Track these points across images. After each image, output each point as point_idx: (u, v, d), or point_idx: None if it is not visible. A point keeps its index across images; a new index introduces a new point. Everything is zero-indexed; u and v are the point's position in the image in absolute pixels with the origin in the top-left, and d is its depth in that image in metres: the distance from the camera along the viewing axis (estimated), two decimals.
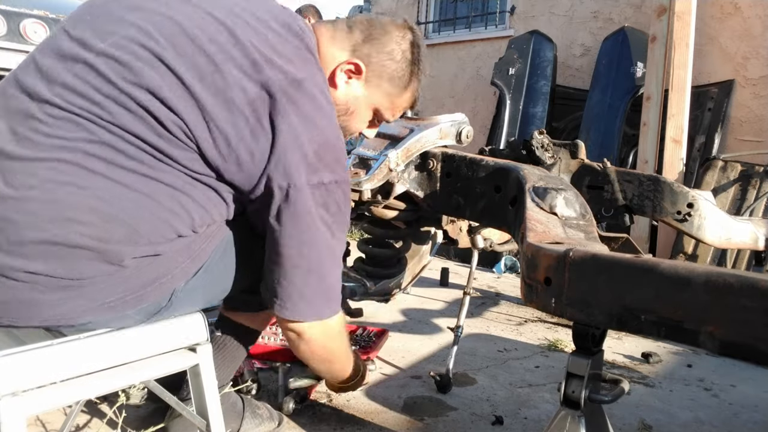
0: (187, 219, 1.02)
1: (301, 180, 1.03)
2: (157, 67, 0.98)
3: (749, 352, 0.74)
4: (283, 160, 1.02)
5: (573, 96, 5.14)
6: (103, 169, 0.94)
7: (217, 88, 0.99)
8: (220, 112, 0.99)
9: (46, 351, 0.93)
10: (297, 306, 1.11)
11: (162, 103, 0.97)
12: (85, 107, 0.95)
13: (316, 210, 1.06)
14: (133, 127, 0.96)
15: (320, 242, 1.09)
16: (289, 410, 1.62)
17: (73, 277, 0.94)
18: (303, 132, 1.04)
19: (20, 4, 3.73)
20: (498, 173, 1.63)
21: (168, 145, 0.98)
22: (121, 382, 1.02)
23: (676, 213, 1.77)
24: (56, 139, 0.93)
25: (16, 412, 0.87)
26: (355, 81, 1.22)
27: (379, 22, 1.23)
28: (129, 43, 0.99)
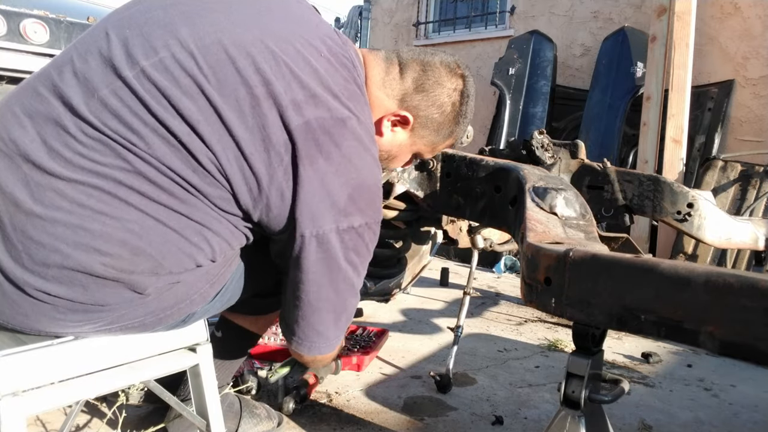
0: (209, 252, 1.01)
1: (329, 226, 1.00)
2: (197, 98, 0.93)
3: (749, 352, 0.73)
4: (312, 207, 0.98)
5: (573, 96, 5.14)
6: (137, 200, 0.90)
7: (256, 125, 0.95)
8: (256, 152, 0.95)
9: (46, 351, 0.93)
10: (314, 344, 1.13)
11: (199, 138, 0.92)
12: (122, 133, 0.90)
13: (344, 253, 1.04)
14: (169, 161, 0.92)
15: (344, 285, 1.07)
16: (289, 410, 1.62)
17: (94, 303, 0.93)
18: (339, 174, 1.00)
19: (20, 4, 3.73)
20: (498, 173, 1.63)
21: (201, 182, 0.94)
22: (121, 382, 1.02)
23: (676, 213, 1.77)
24: (90, 161, 0.89)
25: (16, 411, 0.87)
26: (401, 130, 1.20)
27: (433, 71, 1.18)
28: (172, 66, 0.93)
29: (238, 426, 1.45)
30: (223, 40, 0.96)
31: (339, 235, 1.01)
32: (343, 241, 1.02)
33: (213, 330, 1.40)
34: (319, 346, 1.13)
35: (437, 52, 1.22)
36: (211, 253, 1.01)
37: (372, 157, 1.06)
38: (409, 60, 1.18)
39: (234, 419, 1.45)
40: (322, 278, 1.04)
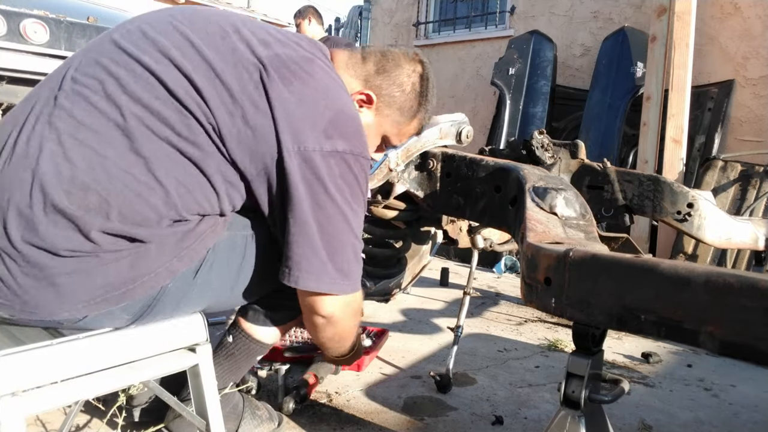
0: (161, 192, 1.00)
1: (312, 145, 1.03)
2: (171, 35, 1.06)
3: (749, 352, 0.73)
4: (292, 123, 1.03)
5: (573, 96, 5.14)
6: (91, 138, 0.98)
7: (226, 49, 1.05)
8: (226, 68, 1.03)
9: (45, 351, 0.93)
10: (320, 277, 1.09)
11: (173, 63, 1.02)
12: (97, 76, 1.02)
13: (331, 179, 1.04)
14: (133, 89, 1.00)
15: (337, 215, 1.07)
16: (289, 410, 1.62)
17: (47, 248, 0.95)
18: (316, 98, 1.06)
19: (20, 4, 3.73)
20: (498, 173, 1.63)
21: (164, 108, 1.00)
22: (121, 382, 1.02)
23: (676, 213, 1.77)
24: (64, 112, 0.99)
25: (16, 411, 0.87)
26: (366, 110, 1.26)
27: (392, 55, 1.27)
28: (154, 23, 1.09)
29: (238, 427, 1.45)
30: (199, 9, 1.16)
31: (324, 159, 1.04)
32: (329, 165, 1.04)
33: (225, 334, 1.41)
34: (322, 279, 1.09)
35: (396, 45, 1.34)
36: (164, 195, 1.00)
37: (347, 95, 1.15)
38: (369, 50, 1.29)
39: (235, 420, 1.45)
40: (312, 199, 1.04)
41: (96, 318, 1.03)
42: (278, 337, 1.42)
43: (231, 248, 1.17)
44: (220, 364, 1.37)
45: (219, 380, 1.33)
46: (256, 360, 1.44)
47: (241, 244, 1.18)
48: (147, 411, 1.47)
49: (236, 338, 1.39)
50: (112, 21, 4.29)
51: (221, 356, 1.39)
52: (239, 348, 1.39)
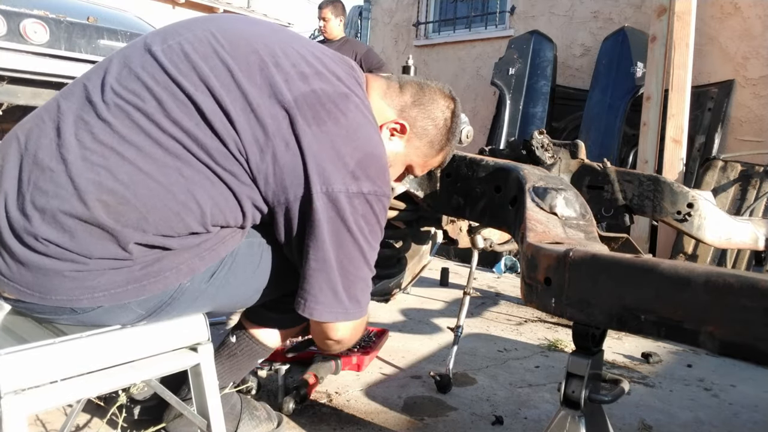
0: (198, 213, 1.03)
1: (339, 187, 1.06)
2: (211, 59, 1.06)
3: (749, 352, 0.74)
4: (321, 164, 1.05)
5: (573, 96, 5.14)
6: (132, 155, 0.99)
7: (264, 83, 1.06)
8: (262, 104, 1.04)
9: (47, 349, 0.94)
10: (329, 307, 1.13)
11: (210, 91, 1.03)
12: (137, 92, 1.03)
13: (354, 218, 1.08)
14: (174, 114, 1.02)
15: (355, 252, 1.11)
16: (289, 410, 1.62)
17: (80, 252, 0.97)
18: (347, 140, 1.08)
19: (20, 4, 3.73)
20: (498, 173, 1.63)
21: (203, 134, 1.02)
22: (123, 380, 1.02)
23: (676, 213, 1.77)
24: (102, 122, 1.01)
25: (18, 410, 0.88)
26: (397, 139, 1.29)
27: (429, 89, 1.31)
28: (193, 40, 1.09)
29: (237, 428, 1.45)
30: (239, 27, 1.15)
31: (349, 199, 1.07)
32: (352, 205, 1.07)
33: (228, 334, 1.42)
34: (336, 311, 1.13)
35: (432, 80, 1.36)
36: (200, 215, 1.03)
37: (378, 134, 1.16)
38: (406, 80, 1.31)
39: (234, 421, 1.45)
40: (334, 238, 1.08)
41: (111, 309, 1.04)
42: (281, 342, 1.43)
43: (248, 254, 1.19)
44: (221, 363, 1.38)
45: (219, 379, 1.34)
46: (258, 362, 1.45)
47: (257, 251, 1.21)
48: (147, 409, 1.47)
49: (240, 339, 1.40)
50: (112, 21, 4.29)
51: (223, 356, 1.39)
52: (242, 349, 1.39)
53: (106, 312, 1.05)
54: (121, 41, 4.07)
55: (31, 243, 0.96)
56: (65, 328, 1.05)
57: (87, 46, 3.88)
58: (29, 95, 3.73)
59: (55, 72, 3.70)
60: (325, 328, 1.17)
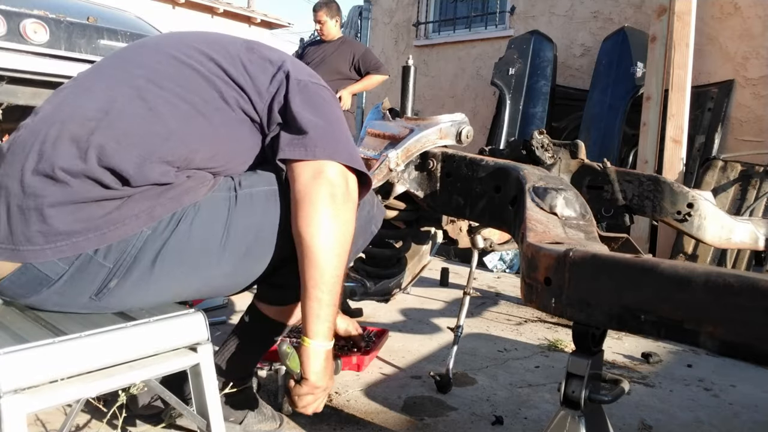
0: (178, 138, 1.11)
1: (305, 78, 1.24)
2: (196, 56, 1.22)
3: (749, 352, 0.74)
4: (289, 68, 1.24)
5: (573, 96, 5.15)
6: (110, 82, 1.14)
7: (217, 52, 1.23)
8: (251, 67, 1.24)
9: (47, 349, 0.94)
10: (325, 147, 1.16)
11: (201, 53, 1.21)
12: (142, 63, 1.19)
13: (317, 90, 1.24)
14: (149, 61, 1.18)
15: (329, 108, 1.24)
16: (289, 410, 1.62)
17: (50, 175, 1.03)
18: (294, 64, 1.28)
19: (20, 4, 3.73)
20: (498, 173, 1.63)
21: (189, 81, 1.16)
22: (122, 380, 1.02)
23: (676, 213, 1.77)
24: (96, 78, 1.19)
25: (18, 409, 0.88)
26: None
27: None
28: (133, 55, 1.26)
29: (244, 418, 1.47)
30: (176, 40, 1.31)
31: (312, 83, 1.26)
32: (316, 86, 1.26)
33: (243, 315, 1.45)
34: (328, 148, 1.16)
35: None
36: (178, 139, 1.11)
37: None
38: None
39: (244, 411, 1.48)
40: (309, 101, 1.21)
41: (80, 268, 1.05)
42: (292, 315, 1.40)
43: (213, 207, 1.14)
44: (237, 344, 1.43)
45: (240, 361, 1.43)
46: (274, 341, 1.45)
47: (223, 204, 1.16)
48: (147, 408, 1.48)
49: (252, 318, 1.42)
50: (112, 21, 4.30)
51: (239, 335, 1.44)
52: (255, 327, 1.42)
53: (76, 273, 1.05)
54: (121, 41, 4.07)
55: (14, 193, 1.03)
56: (63, 327, 1.05)
57: (87, 46, 3.88)
58: (29, 95, 3.73)
59: (55, 72, 3.71)
60: (313, 166, 1.14)
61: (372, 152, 1.71)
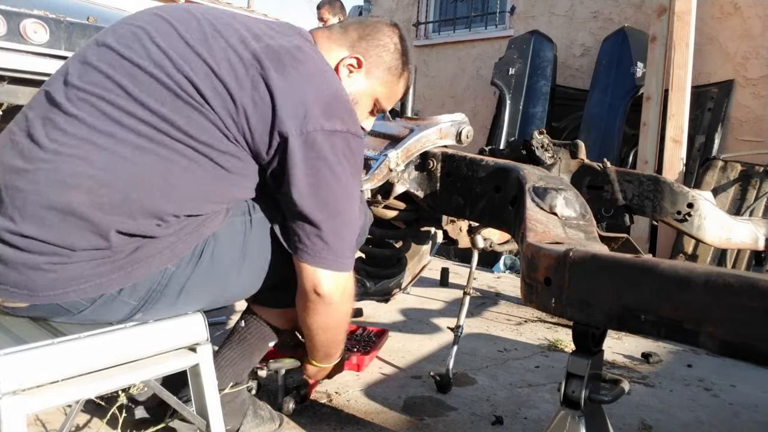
0: (180, 192, 1.05)
1: (313, 126, 1.08)
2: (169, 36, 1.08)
3: (749, 352, 0.74)
4: (291, 109, 1.07)
5: (573, 96, 5.14)
6: (105, 142, 1.00)
7: (219, 47, 1.08)
8: (222, 67, 1.06)
9: (47, 349, 0.94)
10: (320, 254, 1.15)
11: (171, 62, 1.05)
12: (100, 83, 1.03)
13: (334, 156, 1.10)
14: (138, 95, 1.02)
15: (337, 188, 1.13)
16: (289, 410, 1.62)
17: (63, 245, 0.98)
18: (312, 85, 1.10)
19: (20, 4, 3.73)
20: (498, 173, 1.63)
21: (170, 111, 1.03)
22: (122, 381, 1.02)
23: (676, 213, 1.77)
24: (72, 118, 1.01)
25: (17, 410, 0.88)
26: (356, 74, 1.31)
27: (369, 22, 1.36)
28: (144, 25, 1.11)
29: (240, 425, 1.45)
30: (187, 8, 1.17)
31: (326, 138, 1.09)
32: (331, 143, 1.10)
33: (238, 321, 1.43)
34: (326, 258, 1.15)
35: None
36: (182, 192, 1.05)
37: (336, 77, 1.20)
38: (346, 22, 1.36)
39: (239, 418, 1.46)
40: (315, 178, 1.10)
41: (103, 304, 1.05)
42: (290, 321, 1.42)
43: (231, 233, 1.18)
44: (232, 348, 1.41)
45: (232, 365, 1.39)
46: (269, 345, 1.45)
47: (240, 229, 1.19)
48: (148, 409, 1.47)
49: (249, 323, 1.41)
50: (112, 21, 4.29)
51: (234, 341, 1.41)
52: (252, 332, 1.41)
53: (99, 307, 1.05)
54: None
55: (13, 241, 0.97)
56: (63, 329, 1.05)
57: None
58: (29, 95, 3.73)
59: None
60: (311, 275, 1.16)
61: (372, 152, 1.71)
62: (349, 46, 1.30)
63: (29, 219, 0.97)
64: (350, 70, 1.30)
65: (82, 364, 0.97)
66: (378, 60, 1.32)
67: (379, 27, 1.35)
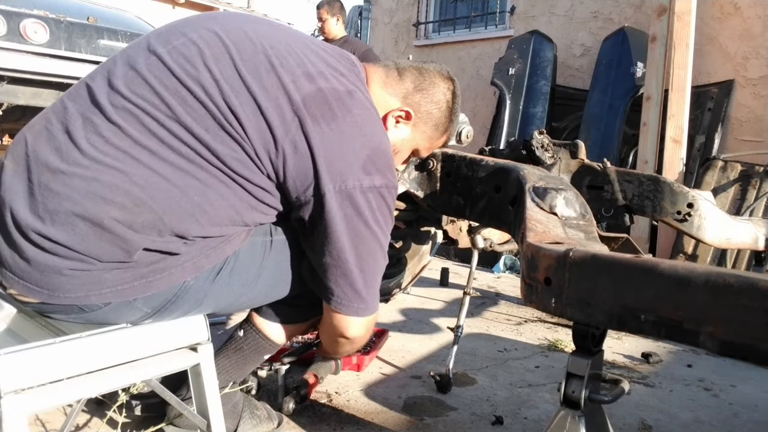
0: (212, 214, 1.06)
1: (353, 183, 1.08)
2: (221, 61, 1.07)
3: (749, 352, 0.74)
4: (333, 163, 1.07)
5: (573, 96, 5.14)
6: (146, 158, 1.00)
7: (272, 85, 1.07)
8: (271, 107, 1.05)
9: (47, 349, 0.94)
10: (352, 303, 1.17)
11: (221, 93, 1.04)
12: (146, 97, 1.03)
13: (371, 213, 1.11)
14: (184, 119, 1.02)
15: (375, 245, 1.14)
16: (289, 410, 1.62)
17: (89, 255, 0.98)
18: (356, 136, 1.10)
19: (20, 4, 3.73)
20: (498, 173, 1.63)
21: (214, 140, 1.03)
22: (123, 380, 1.02)
23: (676, 213, 1.77)
24: (113, 125, 1.01)
25: (18, 409, 0.88)
26: (403, 125, 1.32)
27: (428, 73, 1.32)
28: (199, 41, 1.09)
29: (237, 426, 1.45)
30: (243, 27, 1.14)
31: (363, 194, 1.09)
32: (368, 200, 1.10)
33: (236, 328, 1.42)
34: (358, 307, 1.18)
35: (428, 62, 1.37)
36: (214, 217, 1.05)
37: (382, 126, 1.19)
38: (404, 66, 1.32)
39: (234, 419, 1.45)
40: (352, 233, 1.11)
41: (117, 308, 1.06)
42: (288, 337, 1.43)
43: (251, 253, 1.20)
44: (227, 357, 1.40)
45: (224, 373, 1.37)
46: (264, 358, 1.45)
47: (260, 250, 1.21)
48: (150, 405, 1.47)
49: (247, 333, 1.40)
50: (112, 21, 4.29)
51: (230, 349, 1.41)
52: (249, 343, 1.40)
53: (112, 310, 1.06)
54: (121, 41, 4.07)
55: (40, 242, 0.97)
56: (66, 328, 1.05)
57: (87, 46, 3.88)
58: (29, 95, 3.73)
59: (55, 72, 3.71)
60: (341, 322, 1.20)
61: None
62: (402, 97, 1.29)
63: (60, 225, 0.96)
64: (397, 120, 1.30)
65: (83, 364, 0.97)
66: (427, 116, 1.32)
67: (437, 81, 1.32)
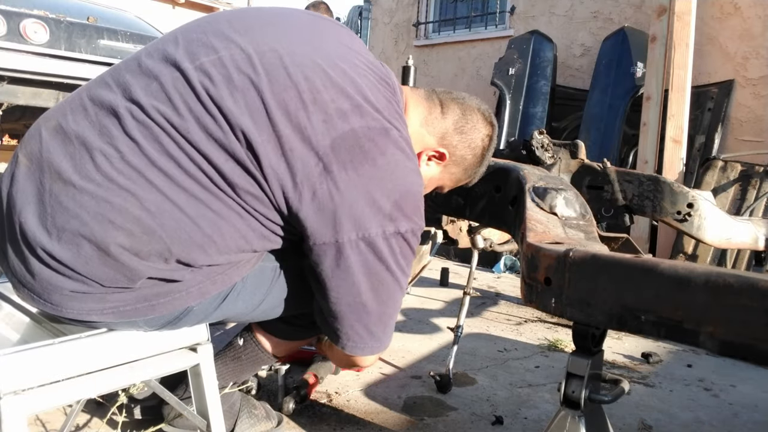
0: (222, 244, 1.02)
1: (376, 230, 1.03)
2: (247, 92, 0.99)
3: (749, 352, 0.74)
4: (356, 211, 1.01)
5: (573, 96, 5.14)
6: (161, 182, 0.96)
7: (300, 125, 1.00)
8: (296, 149, 0.99)
9: (47, 350, 0.93)
10: (368, 345, 1.15)
11: (242, 129, 0.97)
12: (167, 115, 0.97)
13: (393, 258, 1.06)
14: (204, 147, 0.97)
15: (391, 286, 1.09)
16: (289, 410, 1.62)
17: (92, 278, 0.96)
18: (385, 180, 1.03)
19: (20, 4, 3.73)
20: (498, 173, 1.63)
21: (232, 171, 0.98)
22: (122, 381, 1.02)
23: (676, 213, 1.77)
24: (130, 140, 0.96)
25: (18, 410, 0.88)
26: (434, 164, 1.27)
27: (471, 113, 1.27)
28: (228, 63, 1.01)
29: (234, 426, 1.45)
30: (279, 49, 1.05)
31: (386, 240, 1.04)
32: (390, 246, 1.05)
33: (236, 336, 1.42)
34: (372, 346, 1.16)
35: (471, 97, 1.31)
36: (223, 246, 1.02)
37: (415, 167, 1.11)
38: (448, 101, 1.27)
39: (231, 419, 1.45)
40: (372, 279, 1.06)
41: (119, 325, 1.05)
42: (287, 352, 1.44)
43: (260, 279, 1.19)
44: (225, 364, 1.39)
45: (221, 379, 1.35)
46: (261, 368, 1.46)
47: (269, 275, 1.20)
48: (148, 408, 1.47)
49: (247, 344, 1.40)
50: (112, 21, 4.29)
51: (228, 357, 1.40)
52: (247, 354, 1.40)
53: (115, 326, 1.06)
54: (121, 41, 4.07)
55: (45, 259, 0.95)
56: (64, 329, 1.05)
57: (87, 46, 3.88)
58: (29, 95, 3.73)
59: (55, 72, 3.71)
60: (355, 359, 1.20)
61: None
62: (440, 137, 1.23)
63: (65, 243, 0.93)
64: (430, 158, 1.26)
65: (82, 364, 0.97)
66: (461, 160, 1.27)
67: (478, 126, 1.27)
